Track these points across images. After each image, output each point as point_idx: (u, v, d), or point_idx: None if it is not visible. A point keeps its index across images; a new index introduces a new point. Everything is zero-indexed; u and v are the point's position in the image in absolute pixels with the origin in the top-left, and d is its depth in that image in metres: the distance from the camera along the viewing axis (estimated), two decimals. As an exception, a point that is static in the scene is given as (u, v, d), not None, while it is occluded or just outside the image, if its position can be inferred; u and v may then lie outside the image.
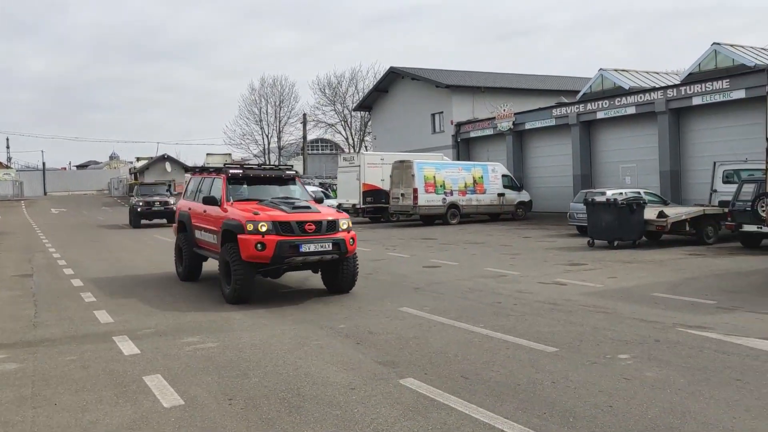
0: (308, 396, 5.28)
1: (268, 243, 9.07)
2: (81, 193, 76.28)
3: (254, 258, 9.15)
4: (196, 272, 11.88)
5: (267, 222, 9.21)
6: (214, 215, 10.39)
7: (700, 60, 26.88)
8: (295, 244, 9.20)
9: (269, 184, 11.12)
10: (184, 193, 12.53)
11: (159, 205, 28.98)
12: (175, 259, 12.34)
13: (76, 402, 5.28)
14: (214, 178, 11.21)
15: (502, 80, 41.86)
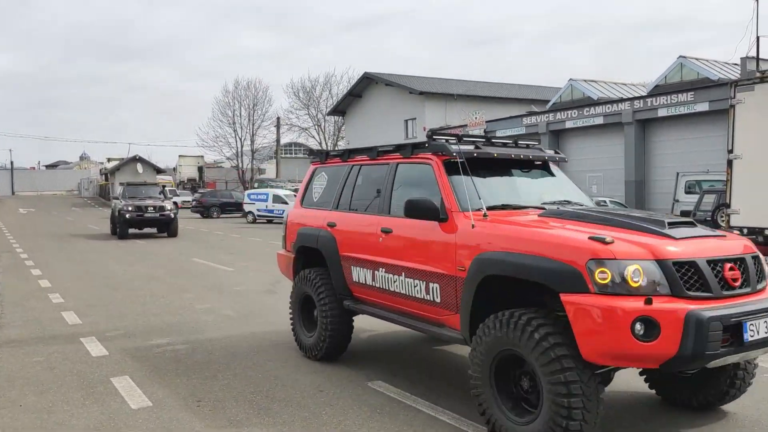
0: (277, 398, 5.35)
1: (665, 320, 3.76)
2: (50, 193, 74.92)
3: (621, 356, 3.87)
4: (343, 343, 6.43)
5: (644, 262, 3.91)
6: (432, 241, 5.11)
7: (666, 72, 27.55)
8: (734, 322, 3.88)
9: (513, 174, 5.75)
10: (302, 195, 7.13)
11: (153, 210, 22.69)
12: (294, 324, 6.85)
13: (42, 403, 5.27)
14: (398, 164, 5.80)
15: (474, 88, 42.32)
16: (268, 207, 32.78)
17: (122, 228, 22.58)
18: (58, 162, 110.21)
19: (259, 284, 11.76)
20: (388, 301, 5.68)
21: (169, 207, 23.09)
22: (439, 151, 5.32)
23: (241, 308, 9.40)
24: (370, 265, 5.78)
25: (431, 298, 5.08)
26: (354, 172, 6.39)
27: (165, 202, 23.65)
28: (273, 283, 11.90)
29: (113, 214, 23.98)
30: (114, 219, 23.70)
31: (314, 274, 6.47)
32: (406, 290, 5.35)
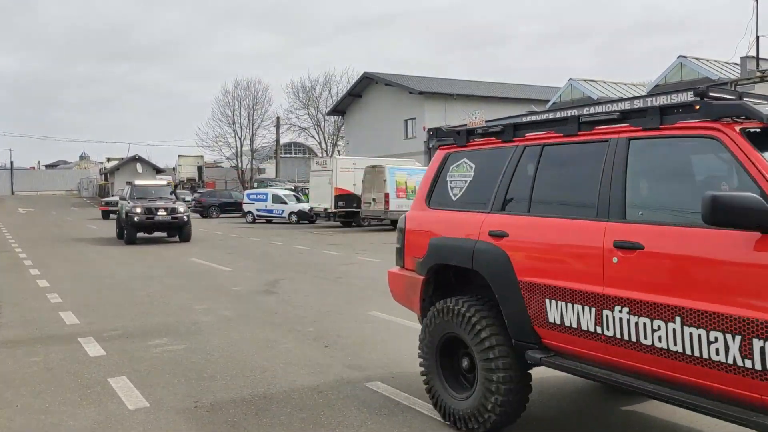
0: (275, 399, 5.32)
1: None
2: (50, 193, 74.91)
3: None
4: (519, 410, 4.44)
5: None
6: (753, 264, 3.06)
7: (666, 72, 27.50)
8: None
9: None
10: (427, 192, 5.20)
11: (164, 212, 20.35)
12: (430, 378, 4.92)
13: (39, 404, 5.24)
14: (629, 140, 3.87)
15: (474, 88, 42.31)
16: (268, 207, 32.76)
17: (130, 232, 20.47)
18: (58, 162, 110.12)
19: (257, 284, 11.72)
20: (634, 360, 3.57)
21: (182, 209, 20.90)
22: (734, 116, 3.33)
23: (240, 309, 9.37)
24: (589, 301, 3.74)
25: (751, 364, 3.04)
26: (530, 155, 4.41)
27: (177, 203, 21.45)
28: (272, 283, 11.88)
29: (119, 216, 22.07)
30: (120, 222, 21.73)
31: (467, 306, 4.46)
32: (686, 347, 3.28)
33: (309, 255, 17.01)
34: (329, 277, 12.69)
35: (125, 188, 23.63)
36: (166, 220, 20.58)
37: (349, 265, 14.50)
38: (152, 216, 20.34)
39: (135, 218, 20.15)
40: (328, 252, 17.67)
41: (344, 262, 15.04)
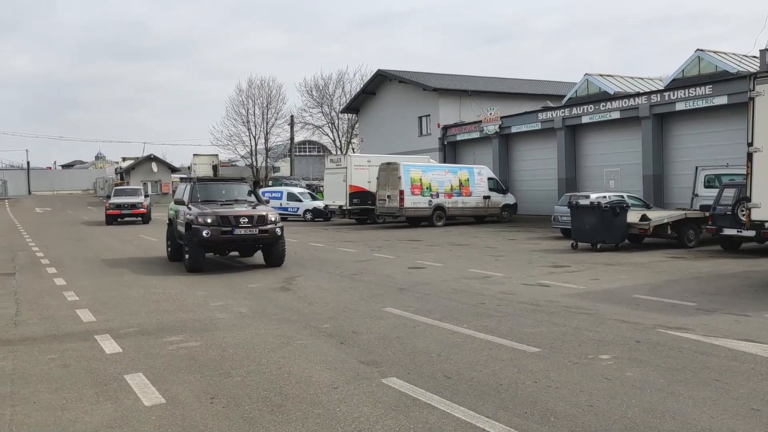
0: (290, 395, 5.29)
1: None
2: (66, 192, 75.63)
3: None
4: None
5: None
6: None
7: (684, 66, 27.19)
8: None
9: None
10: None
11: (248, 223, 13.15)
12: None
13: (56, 400, 5.25)
14: None
15: (488, 84, 42.05)
16: (283, 205, 32.79)
17: (195, 254, 13.06)
18: (74, 162, 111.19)
19: (273, 281, 11.71)
20: None
21: (272, 217, 13.48)
22: None
23: (255, 305, 9.36)
24: None
25: None
26: None
27: (262, 207, 13.93)
28: (287, 280, 11.86)
29: (173, 228, 15.13)
30: (175, 237, 14.89)
31: None
32: None
33: (324, 252, 17.00)
34: (345, 273, 12.67)
35: (179, 186, 16.10)
36: (251, 235, 13.21)
37: (364, 262, 14.47)
38: (230, 229, 12.93)
39: (204, 233, 12.76)
40: (343, 249, 17.65)
41: (359, 259, 15.01)
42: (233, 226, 12.88)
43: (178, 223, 14.31)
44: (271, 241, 13.39)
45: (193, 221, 12.91)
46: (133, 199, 31.82)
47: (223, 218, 12.91)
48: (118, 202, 31.46)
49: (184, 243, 13.50)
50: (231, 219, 12.95)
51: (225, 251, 14.13)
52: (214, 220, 12.84)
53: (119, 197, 32.13)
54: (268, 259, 13.82)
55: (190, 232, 12.99)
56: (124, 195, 32.61)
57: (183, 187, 15.33)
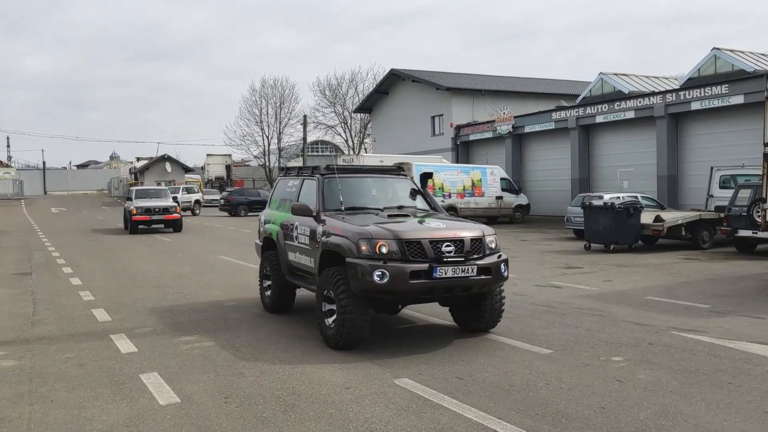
0: (303, 395, 5.33)
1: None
2: (81, 192, 76.33)
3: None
4: None
5: None
6: None
7: (700, 65, 26.98)
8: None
9: None
10: None
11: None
12: None
13: (73, 399, 5.33)
14: None
15: (502, 83, 41.94)
16: (296, 205, 32.85)
17: (354, 318, 6.67)
18: (89, 162, 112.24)
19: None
20: None
21: (491, 241, 7.04)
22: None
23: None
24: None
25: None
26: None
27: (458, 222, 7.67)
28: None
29: (275, 256, 8.90)
30: (282, 272, 8.66)
31: None
32: None
33: (336, 252, 17.01)
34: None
35: (283, 183, 9.59)
36: (466, 279, 6.74)
37: (376, 262, 14.48)
38: (428, 267, 6.51)
39: (376, 276, 6.45)
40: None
41: (372, 260, 15.02)
42: (432, 261, 6.55)
43: (295, 247, 8.14)
44: (491, 287, 7.04)
45: (348, 249, 6.68)
46: (163, 202, 25.43)
47: (412, 245, 6.59)
48: (147, 205, 24.87)
49: (323, 293, 7.02)
50: (427, 246, 6.59)
51: (399, 307, 7.54)
52: (395, 248, 6.54)
53: (145, 200, 25.64)
54: (475, 319, 7.44)
55: (338, 275, 6.79)
56: (149, 197, 26.28)
57: (294, 184, 8.88)
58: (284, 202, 8.95)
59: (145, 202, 25.22)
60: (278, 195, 9.39)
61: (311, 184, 8.30)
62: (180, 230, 24.92)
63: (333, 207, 7.70)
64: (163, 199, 25.98)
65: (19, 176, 72.58)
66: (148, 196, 26.35)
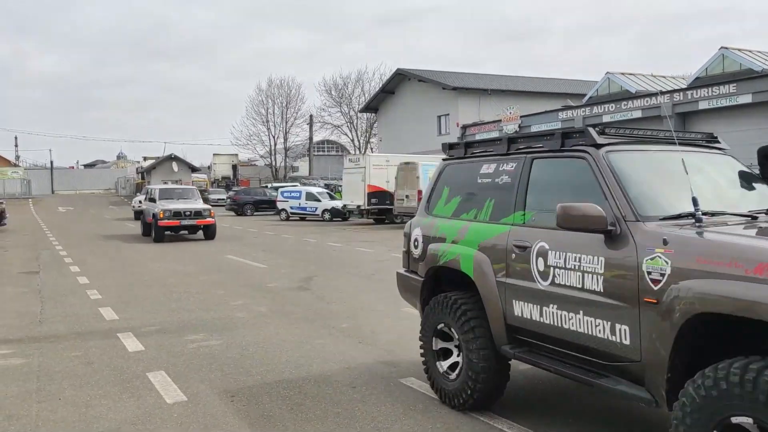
0: (310, 394, 5.34)
1: None
2: (89, 192, 76.59)
3: None
4: None
5: None
6: None
7: (708, 64, 26.90)
8: None
9: None
10: None
11: None
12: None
13: (80, 397, 5.35)
14: None
15: (508, 83, 41.89)
16: (301, 204, 32.97)
17: None
18: (96, 161, 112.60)
19: (292, 281, 11.80)
20: None
21: None
22: None
23: (275, 305, 9.44)
24: None
25: None
26: None
27: None
28: (306, 280, 11.94)
29: None
30: None
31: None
32: None
33: (342, 252, 17.07)
34: (363, 273, 12.71)
35: None
36: None
37: (382, 262, 14.50)
38: None
39: None
40: (361, 249, 17.71)
41: (377, 259, 15.05)
42: None
43: (542, 294, 4.25)
44: None
45: None
46: (194, 204, 21.48)
47: None
48: (177, 208, 20.72)
49: None
50: None
51: None
52: None
53: (171, 201, 21.55)
54: None
55: None
56: (176, 197, 22.16)
57: (505, 169, 4.88)
58: (477, 203, 5.05)
59: (174, 203, 21.24)
60: (457, 190, 5.37)
61: (569, 166, 4.46)
62: (213, 237, 21.13)
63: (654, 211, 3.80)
64: (192, 201, 22.23)
65: (26, 175, 72.93)
66: (175, 196, 22.42)
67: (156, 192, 22.63)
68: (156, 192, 22.63)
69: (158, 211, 20.49)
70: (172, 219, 20.44)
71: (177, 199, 22.05)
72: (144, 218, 22.81)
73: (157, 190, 22.83)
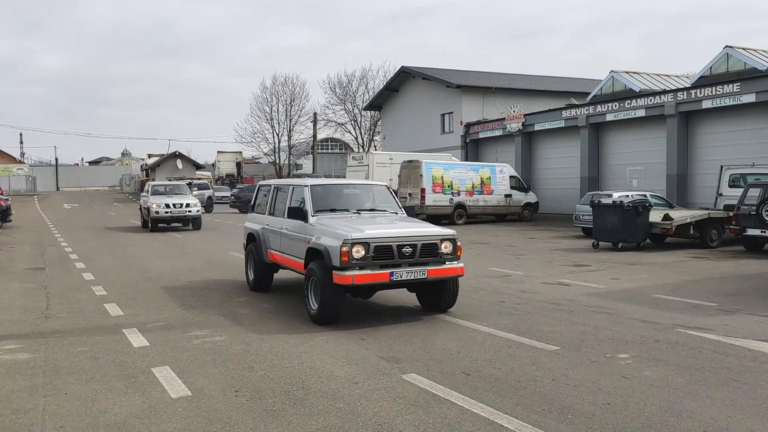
0: (312, 389, 5.41)
1: None
2: (93, 189, 76.80)
3: None
4: None
5: None
6: None
7: (712, 63, 26.83)
8: None
9: None
10: None
11: None
12: None
13: (86, 392, 5.43)
14: None
15: (512, 81, 41.83)
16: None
17: None
18: (101, 158, 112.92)
19: (295, 277, 11.85)
20: None
21: None
22: None
23: (277, 301, 9.51)
24: None
25: None
26: None
27: None
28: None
29: None
30: None
31: None
32: None
33: (346, 249, 17.08)
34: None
35: None
36: None
37: (385, 260, 14.54)
38: None
39: None
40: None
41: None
42: None
43: None
44: None
45: None
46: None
47: None
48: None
49: None
50: None
51: None
52: None
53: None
54: None
55: None
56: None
57: None
58: None
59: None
60: None
61: None
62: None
63: None
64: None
65: (32, 172, 73.15)
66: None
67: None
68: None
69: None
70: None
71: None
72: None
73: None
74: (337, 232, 7.70)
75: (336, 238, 7.63)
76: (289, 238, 9.06)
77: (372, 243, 7.53)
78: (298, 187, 9.39)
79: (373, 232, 7.65)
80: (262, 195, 11.17)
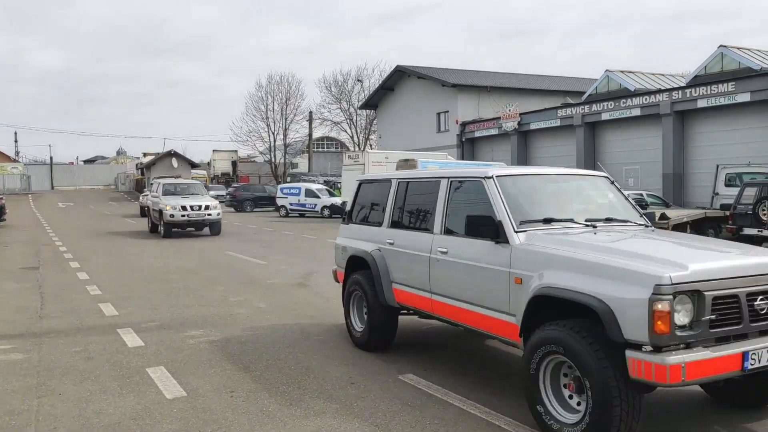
0: (309, 389, 5.38)
1: None
2: (88, 187, 76.51)
3: None
4: None
5: None
6: None
7: (707, 62, 26.87)
8: None
9: None
10: None
11: None
12: None
13: (80, 392, 5.39)
14: None
15: (508, 80, 41.85)
16: (301, 201, 32.99)
17: None
18: (96, 157, 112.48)
19: (291, 277, 11.83)
20: None
21: None
22: None
23: (274, 301, 9.47)
24: None
25: None
26: None
27: None
28: (305, 276, 11.97)
29: None
30: None
31: None
32: None
33: (342, 248, 17.05)
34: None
35: None
36: None
37: (381, 259, 14.52)
38: None
39: None
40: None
41: (377, 256, 15.05)
42: None
43: None
44: None
45: None
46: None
47: None
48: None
49: None
50: None
51: None
52: None
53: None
54: None
55: None
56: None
57: None
58: None
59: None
60: None
61: None
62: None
63: None
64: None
65: (26, 171, 72.76)
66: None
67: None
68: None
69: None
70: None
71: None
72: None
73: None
74: (628, 266, 3.90)
75: (627, 278, 3.84)
76: (459, 270, 5.28)
77: (707, 291, 3.78)
78: (468, 182, 5.49)
79: (707, 266, 3.93)
80: (371, 194, 7.24)
